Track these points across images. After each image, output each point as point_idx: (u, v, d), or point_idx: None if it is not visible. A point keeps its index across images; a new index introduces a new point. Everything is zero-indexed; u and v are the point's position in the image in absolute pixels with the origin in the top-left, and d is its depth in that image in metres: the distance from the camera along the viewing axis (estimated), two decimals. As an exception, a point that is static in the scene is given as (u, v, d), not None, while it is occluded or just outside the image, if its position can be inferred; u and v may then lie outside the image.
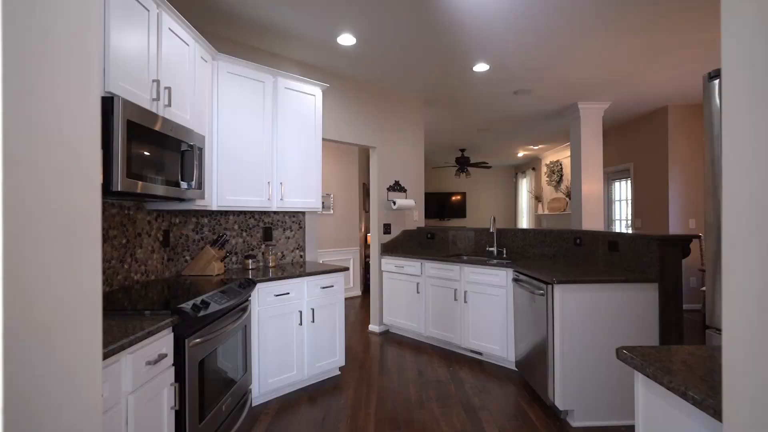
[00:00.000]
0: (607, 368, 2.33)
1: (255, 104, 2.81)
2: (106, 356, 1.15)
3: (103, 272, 1.98)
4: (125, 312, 1.56)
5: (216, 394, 1.88)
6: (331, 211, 5.84)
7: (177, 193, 1.98)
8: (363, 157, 6.52)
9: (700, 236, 2.20)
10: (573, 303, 2.34)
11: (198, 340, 1.66)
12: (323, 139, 3.68)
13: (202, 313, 1.67)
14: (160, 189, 1.82)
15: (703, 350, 1.07)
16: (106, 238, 2.00)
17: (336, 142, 3.87)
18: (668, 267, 2.27)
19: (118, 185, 1.56)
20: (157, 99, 1.90)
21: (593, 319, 2.33)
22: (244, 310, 2.23)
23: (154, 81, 1.88)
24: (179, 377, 1.58)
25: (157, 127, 1.80)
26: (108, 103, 1.54)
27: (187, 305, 1.63)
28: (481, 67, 3.64)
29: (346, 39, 3.05)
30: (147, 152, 1.73)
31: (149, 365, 1.38)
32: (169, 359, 1.53)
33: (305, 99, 3.12)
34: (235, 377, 2.15)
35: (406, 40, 3.08)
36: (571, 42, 3.14)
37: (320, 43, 3.13)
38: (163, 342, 1.49)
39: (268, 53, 3.30)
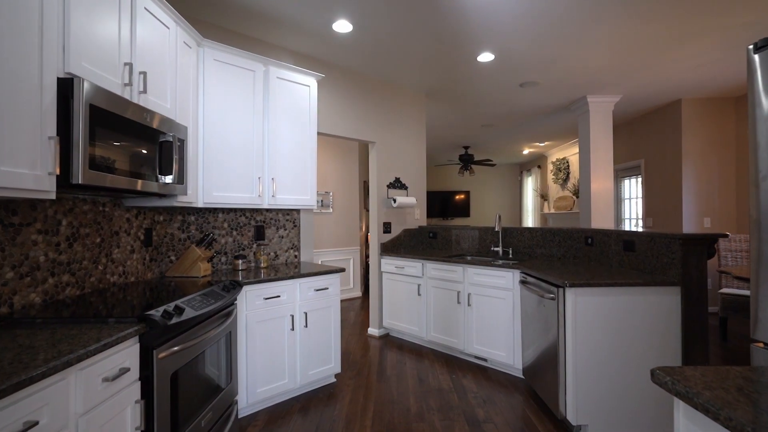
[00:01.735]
0: (626, 379, 2.13)
1: (244, 95, 2.64)
2: (46, 375, 0.98)
3: (73, 274, 1.81)
4: (87, 319, 1.39)
5: (194, 409, 1.71)
6: (331, 210, 5.67)
7: (154, 188, 1.81)
8: (363, 153, 6.35)
9: (727, 235, 2.00)
10: (587, 308, 2.14)
11: (170, 350, 1.48)
12: (319, 134, 3.50)
13: (174, 321, 1.49)
14: (132, 183, 1.65)
15: (758, 373, 0.88)
16: (76, 236, 1.84)
17: (333, 137, 3.70)
18: (692, 269, 2.08)
19: (79, 177, 1.39)
20: (130, 84, 1.72)
21: (609, 325, 2.14)
22: (229, 315, 2.06)
23: (126, 64, 1.71)
24: (147, 393, 1.41)
25: (128, 115, 1.62)
26: (67, 84, 1.37)
27: (156, 312, 1.46)
28: (485, 57, 3.45)
29: (342, 26, 2.87)
30: (116, 142, 1.56)
31: (107, 382, 1.21)
32: (134, 373, 1.35)
33: (299, 90, 2.95)
34: (218, 388, 1.98)
35: (406, 26, 2.90)
36: (580, 29, 2.94)
37: (314, 30, 2.96)
38: (126, 354, 1.31)
39: (259, 41, 3.13)
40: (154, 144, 1.82)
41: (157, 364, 1.42)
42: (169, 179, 1.92)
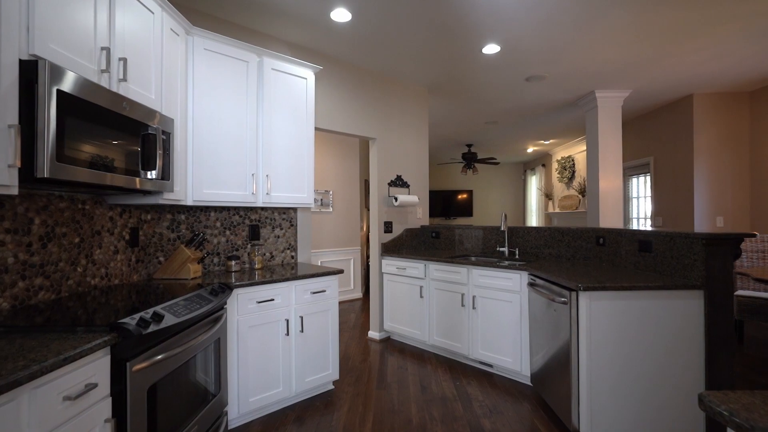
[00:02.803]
0: (645, 390, 1.98)
1: (237, 87, 2.50)
2: (-11, 397, 0.84)
3: (47, 277, 1.68)
4: (53, 328, 1.26)
5: (176, 423, 1.57)
6: (331, 209, 5.53)
7: (134, 184, 1.67)
8: (364, 151, 6.21)
9: (755, 234, 1.84)
10: (602, 313, 1.99)
11: (147, 362, 1.35)
12: (317, 129, 3.36)
13: (152, 329, 1.35)
14: (109, 178, 1.51)
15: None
16: (51, 236, 1.70)
17: (331, 132, 3.55)
18: (716, 271, 1.92)
19: (45, 170, 1.25)
20: (108, 71, 1.59)
21: (626, 331, 1.99)
22: (217, 320, 1.92)
23: (103, 49, 1.57)
24: (119, 410, 1.27)
25: (104, 104, 1.49)
26: (30, 67, 1.24)
27: (131, 320, 1.32)
28: (491, 49, 3.30)
29: (341, 14, 2.72)
30: (91, 133, 1.42)
31: (69, 401, 1.07)
32: (103, 389, 1.21)
33: (295, 82, 2.80)
34: (206, 399, 1.84)
35: (408, 15, 2.75)
36: (591, 17, 2.79)
37: (311, 19, 2.81)
38: (94, 368, 1.18)
39: (253, 31, 2.99)
40: (136, 137, 1.68)
41: (131, 377, 1.28)
42: (152, 175, 1.79)
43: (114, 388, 1.26)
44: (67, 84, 1.32)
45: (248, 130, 2.55)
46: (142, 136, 1.73)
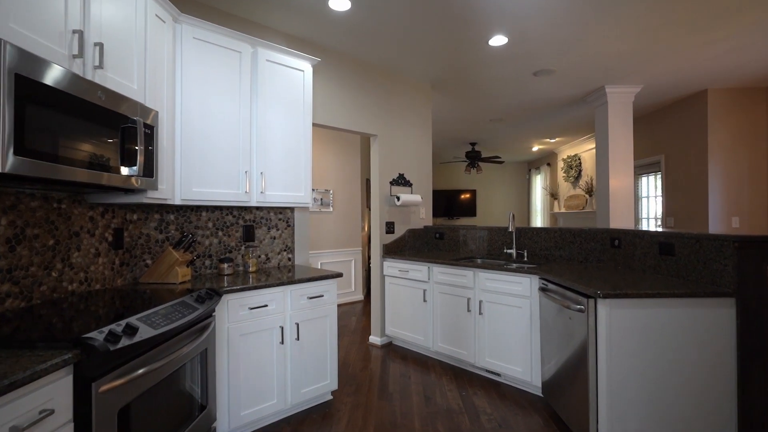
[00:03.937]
0: (671, 405, 1.82)
1: (229, 79, 2.35)
2: None
3: (16, 283, 1.53)
4: (9, 344, 1.11)
5: (155, 446, 1.42)
6: (331, 209, 5.37)
7: (109, 181, 1.52)
8: (366, 150, 6.05)
9: (792, 237, 1.68)
10: (623, 322, 1.83)
11: (117, 381, 1.19)
12: (315, 125, 3.21)
13: (122, 344, 1.20)
14: (78, 173, 1.36)
15: None
16: (21, 238, 1.55)
17: (330, 128, 3.40)
18: (749, 277, 1.76)
19: (3, 165, 1.10)
20: (81, 56, 1.44)
21: (651, 343, 1.82)
22: (204, 329, 1.77)
23: (75, 32, 1.43)
24: (84, 437, 1.12)
25: (75, 92, 1.34)
26: (-17, 48, 1.09)
27: (97, 334, 1.17)
28: (498, 41, 3.13)
29: (340, 2, 2.57)
30: (58, 124, 1.27)
31: None
32: (63, 415, 1.06)
33: (292, 75, 2.65)
34: (191, 415, 1.69)
35: (410, 3, 2.59)
36: (602, 7, 2.62)
37: (309, 8, 2.66)
38: (52, 390, 1.02)
39: (246, 21, 2.83)
40: (113, 129, 1.54)
41: (97, 399, 1.13)
42: (132, 171, 1.63)
43: (78, 411, 1.11)
44: (30, 68, 1.17)
45: (241, 125, 2.40)
46: (121, 129, 1.58)
